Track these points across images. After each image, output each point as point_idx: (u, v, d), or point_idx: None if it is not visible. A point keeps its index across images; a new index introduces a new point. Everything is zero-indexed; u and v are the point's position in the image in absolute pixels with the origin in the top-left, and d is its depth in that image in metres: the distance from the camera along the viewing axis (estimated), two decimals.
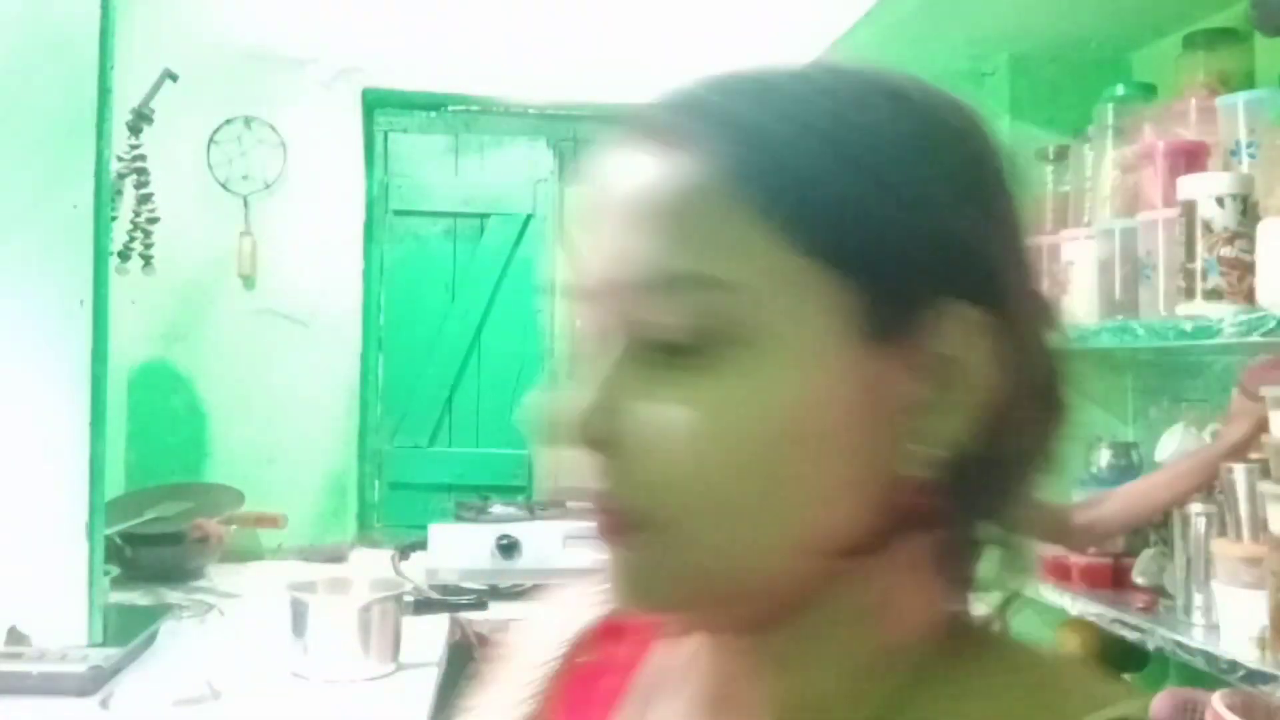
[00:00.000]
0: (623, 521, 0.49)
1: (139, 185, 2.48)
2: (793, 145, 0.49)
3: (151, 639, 1.96)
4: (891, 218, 0.48)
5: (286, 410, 2.90)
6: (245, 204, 2.87)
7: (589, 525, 0.52)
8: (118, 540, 2.34)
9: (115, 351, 2.14)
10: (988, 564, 0.56)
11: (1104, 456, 2.24)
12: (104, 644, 1.77)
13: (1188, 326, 1.67)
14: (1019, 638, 0.57)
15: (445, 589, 2.39)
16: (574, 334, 0.53)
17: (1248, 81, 1.84)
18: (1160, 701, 1.90)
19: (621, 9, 3.00)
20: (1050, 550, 2.29)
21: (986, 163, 0.53)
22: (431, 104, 3.08)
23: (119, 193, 2.40)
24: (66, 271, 1.73)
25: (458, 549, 2.42)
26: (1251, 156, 1.65)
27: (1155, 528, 2.05)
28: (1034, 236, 0.70)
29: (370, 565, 2.66)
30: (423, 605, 2.28)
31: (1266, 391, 1.66)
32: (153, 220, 2.52)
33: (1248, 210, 1.61)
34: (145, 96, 2.52)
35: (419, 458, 3.09)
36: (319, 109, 2.92)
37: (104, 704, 1.65)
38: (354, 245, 2.98)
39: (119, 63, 1.88)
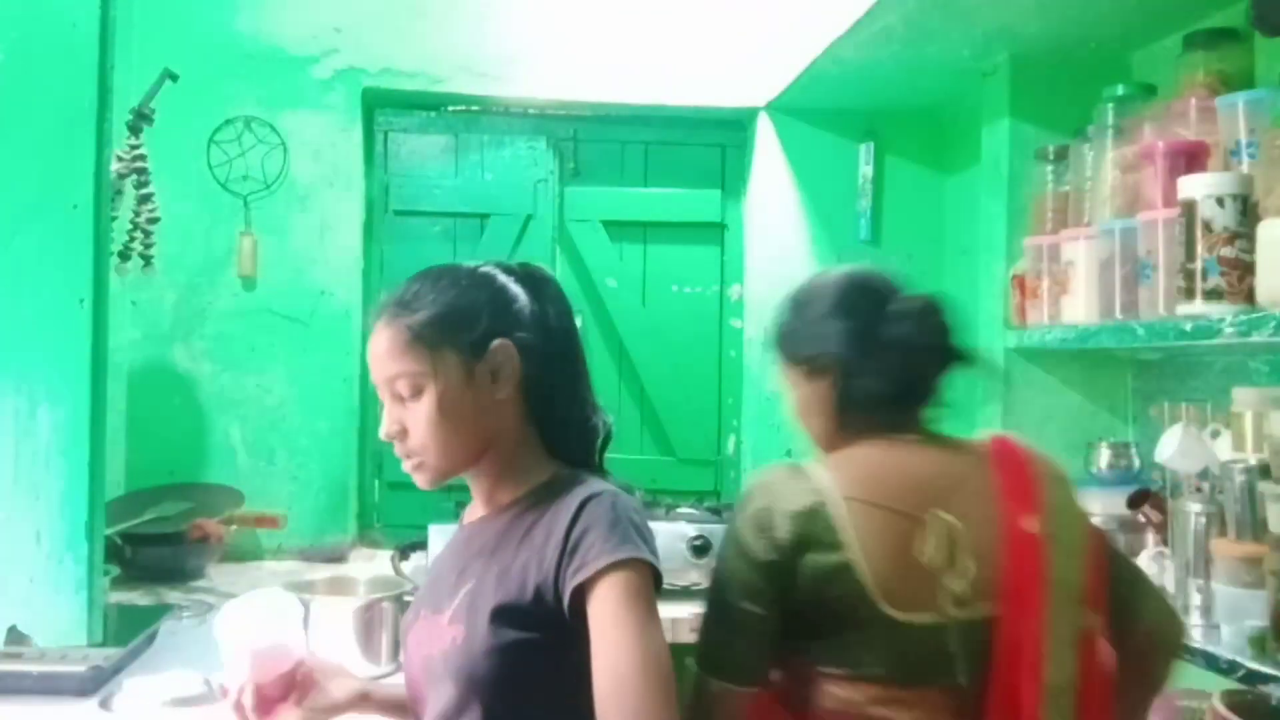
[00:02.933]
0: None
1: (139, 185, 2.48)
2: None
3: (151, 639, 1.96)
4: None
5: (286, 410, 2.90)
6: (245, 204, 2.87)
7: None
8: (118, 540, 2.34)
9: (115, 351, 2.14)
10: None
11: (1104, 456, 2.25)
12: (104, 644, 1.77)
13: (1188, 326, 1.67)
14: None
15: None
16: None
17: (1248, 81, 1.84)
18: (1159, 702, 1.90)
19: (621, 9, 3.00)
20: None
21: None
22: (431, 104, 3.08)
23: (119, 193, 2.40)
24: (66, 271, 1.74)
25: None
26: (1251, 156, 1.65)
27: (1155, 528, 2.05)
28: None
29: (370, 565, 2.66)
30: None
31: (1267, 393, 1.66)
32: (153, 220, 2.52)
33: (1248, 210, 1.61)
34: (145, 96, 2.52)
35: None
36: (319, 109, 2.92)
37: (104, 704, 1.65)
38: (354, 245, 2.98)
39: (119, 63, 1.88)
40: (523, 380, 1.28)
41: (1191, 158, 1.79)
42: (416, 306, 1.26)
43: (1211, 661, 1.65)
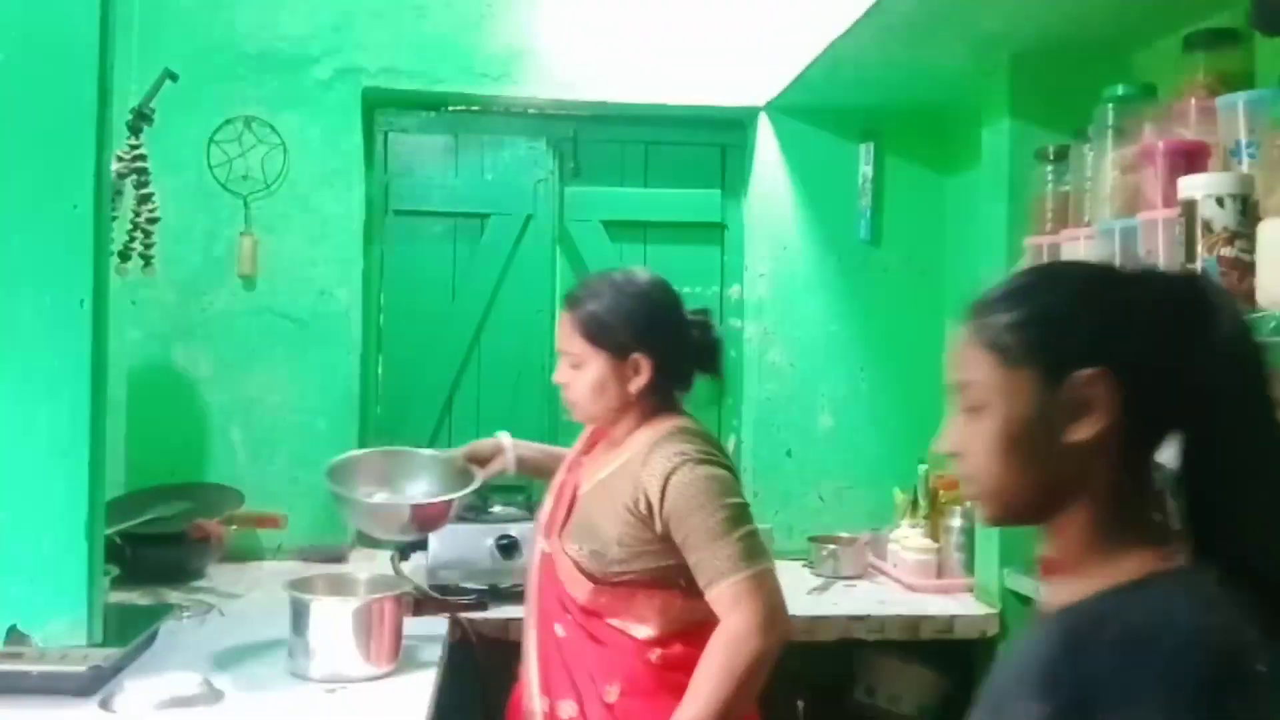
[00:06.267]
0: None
1: (139, 185, 2.48)
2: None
3: (151, 639, 1.96)
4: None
5: (286, 410, 2.90)
6: (245, 204, 2.87)
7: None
8: (118, 540, 2.34)
9: (115, 351, 2.14)
10: None
11: None
12: (104, 644, 1.77)
13: None
14: None
15: (445, 589, 2.39)
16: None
17: (1248, 81, 1.84)
18: None
19: (621, 9, 3.00)
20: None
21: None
22: (431, 104, 3.08)
23: (119, 193, 2.40)
24: (66, 271, 1.73)
25: (458, 549, 2.43)
26: (1251, 156, 1.65)
27: None
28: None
29: (370, 565, 2.66)
30: (423, 605, 2.28)
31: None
32: (153, 220, 2.52)
33: (1248, 210, 1.60)
34: (145, 96, 2.52)
35: None
36: (319, 109, 2.92)
37: (104, 704, 1.65)
38: (354, 245, 2.98)
39: (119, 63, 1.87)
40: (1126, 428, 0.96)
41: (1191, 158, 1.78)
42: (1010, 306, 1.01)
43: None
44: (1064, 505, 0.99)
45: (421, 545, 2.48)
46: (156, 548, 2.53)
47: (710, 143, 3.20)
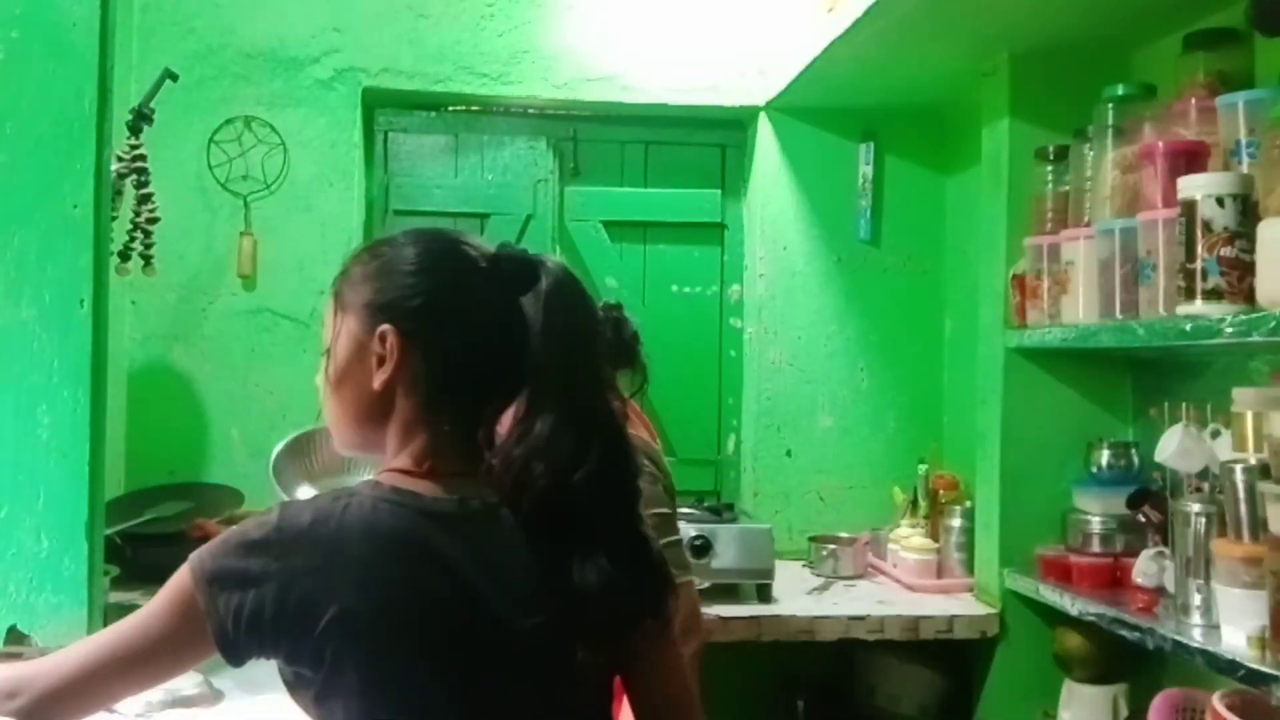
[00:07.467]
0: None
1: (139, 185, 2.48)
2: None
3: None
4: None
5: (286, 410, 2.89)
6: (245, 204, 2.87)
7: None
8: (118, 540, 2.34)
9: (115, 351, 2.14)
10: None
11: (1104, 456, 2.25)
12: None
13: (1188, 326, 1.67)
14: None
15: None
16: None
17: (1248, 81, 1.84)
18: (1159, 702, 1.91)
19: (621, 10, 3.00)
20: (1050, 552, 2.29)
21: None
22: (431, 104, 3.08)
23: (119, 193, 2.40)
24: (66, 271, 1.73)
25: None
26: (1251, 156, 1.65)
27: (1155, 528, 2.04)
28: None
29: None
30: None
31: (1267, 393, 1.66)
32: (153, 220, 2.51)
33: (1248, 210, 1.60)
34: (145, 96, 2.52)
35: None
36: (319, 109, 2.92)
37: None
38: (354, 245, 2.96)
39: (119, 63, 1.88)
40: (416, 379, 1.10)
41: (1191, 158, 1.79)
42: (360, 261, 1.19)
43: (1211, 661, 1.65)
44: (381, 438, 1.12)
45: None
46: (156, 548, 2.52)
47: (710, 143, 3.20)
